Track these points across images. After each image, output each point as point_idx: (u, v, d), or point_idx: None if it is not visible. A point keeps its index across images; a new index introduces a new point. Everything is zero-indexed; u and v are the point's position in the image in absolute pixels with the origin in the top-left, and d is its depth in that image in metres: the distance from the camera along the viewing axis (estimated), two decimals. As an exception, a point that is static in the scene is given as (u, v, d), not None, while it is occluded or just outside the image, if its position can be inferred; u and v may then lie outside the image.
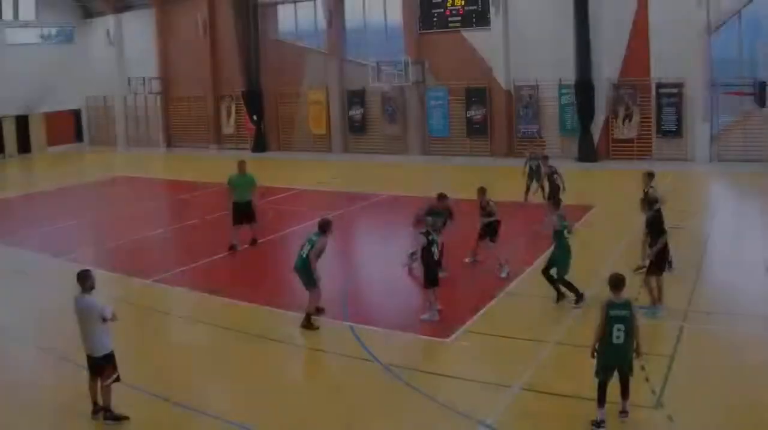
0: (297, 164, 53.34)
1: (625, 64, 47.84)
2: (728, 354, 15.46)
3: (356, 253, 27.40)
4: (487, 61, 52.03)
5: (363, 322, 18.32)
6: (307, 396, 14.88)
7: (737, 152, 44.92)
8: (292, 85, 60.77)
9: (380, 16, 57.10)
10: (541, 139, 50.79)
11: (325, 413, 13.92)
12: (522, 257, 22.94)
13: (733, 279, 21.00)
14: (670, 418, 12.55)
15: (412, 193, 36.97)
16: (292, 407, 14.13)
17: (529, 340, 16.60)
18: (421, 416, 13.52)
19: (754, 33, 43.89)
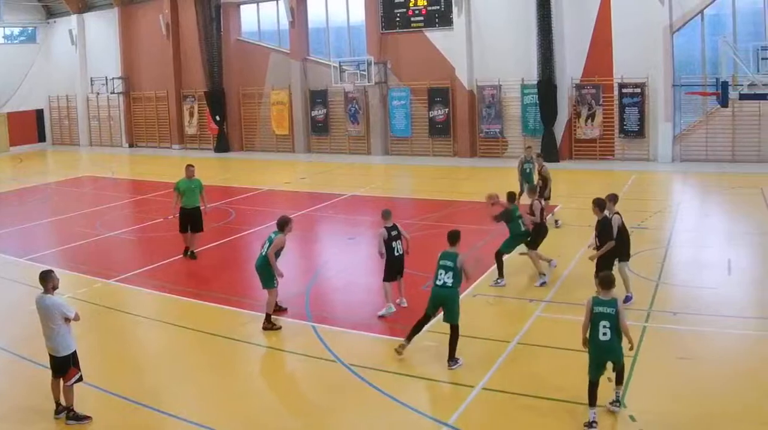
0: (260, 165, 52.35)
1: (587, 64, 46.55)
2: (691, 354, 15.15)
3: (319, 253, 26.60)
4: (450, 61, 50.60)
5: (325, 322, 17.97)
6: (269, 396, 14.67)
7: (700, 152, 43.86)
8: (254, 86, 59.30)
9: (343, 16, 55.88)
10: (503, 139, 49.75)
11: (287, 414, 13.76)
12: (485, 258, 21.81)
13: (696, 279, 20.56)
14: (632, 418, 12.36)
15: (374, 193, 36.70)
16: (255, 408, 13.81)
17: (491, 340, 16.27)
18: (383, 416, 13.23)
19: (716, 32, 42.30)
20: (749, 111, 41.96)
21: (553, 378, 14.00)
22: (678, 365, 14.58)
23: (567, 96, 46.96)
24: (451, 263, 15.36)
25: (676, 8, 43.62)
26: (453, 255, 15.53)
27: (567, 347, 15.06)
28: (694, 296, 18.80)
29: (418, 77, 52.06)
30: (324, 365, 15.48)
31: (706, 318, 17.11)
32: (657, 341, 15.87)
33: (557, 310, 18.08)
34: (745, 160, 42.11)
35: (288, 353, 16.69)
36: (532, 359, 15.29)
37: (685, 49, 44.95)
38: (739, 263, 21.80)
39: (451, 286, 15.27)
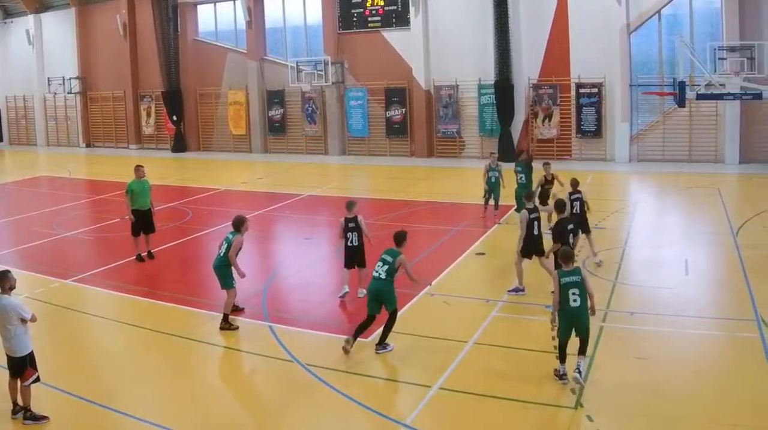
0: (217, 165, 50.60)
1: (544, 64, 45.04)
2: (646, 353, 14.74)
3: (276, 253, 25.57)
4: (407, 61, 48.97)
5: (283, 322, 17.34)
6: (226, 396, 14.01)
7: (657, 152, 42.59)
8: (211, 86, 57.38)
9: (300, 16, 53.91)
10: (460, 139, 48.11)
11: (244, 413, 13.24)
12: (442, 258, 21.61)
13: (653, 279, 19.88)
14: (590, 418, 11.89)
15: (331, 193, 35.61)
16: (212, 408, 13.21)
17: (448, 340, 15.64)
18: (340, 416, 12.77)
19: (673, 33, 41.09)
20: (706, 111, 40.95)
21: (509, 378, 13.68)
22: (635, 365, 14.12)
23: (524, 96, 45.49)
24: (390, 259, 15.26)
25: (633, 8, 42.26)
26: (395, 252, 15.41)
27: (523, 347, 15.00)
28: (651, 296, 18.30)
29: (375, 77, 50.38)
30: (281, 365, 14.91)
31: (664, 318, 16.63)
32: (614, 342, 15.40)
33: (514, 310, 17.53)
34: (702, 160, 41.04)
35: (245, 353, 16.15)
36: (489, 359, 14.81)
37: (642, 49, 43.53)
38: (697, 263, 21.21)
39: (384, 278, 15.16)
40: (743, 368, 13.73)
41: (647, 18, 42.45)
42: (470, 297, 18.70)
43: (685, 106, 32.16)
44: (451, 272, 20.67)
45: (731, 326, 15.99)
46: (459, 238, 23.70)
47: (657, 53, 43.17)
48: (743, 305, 17.14)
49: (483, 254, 22.74)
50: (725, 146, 40.65)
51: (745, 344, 14.83)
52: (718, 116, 40.82)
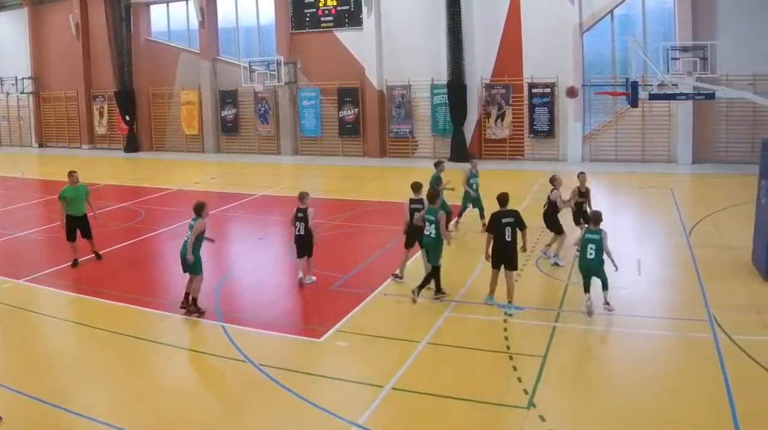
0: (169, 165, 48.50)
1: (497, 64, 43.14)
2: (600, 353, 14.71)
3: (229, 253, 24.18)
4: (360, 61, 46.84)
5: (236, 322, 16.61)
6: (179, 396, 13.24)
7: (609, 152, 40.96)
8: (164, 86, 54.79)
9: (253, 16, 51.59)
10: (413, 139, 46.05)
11: (197, 414, 12.46)
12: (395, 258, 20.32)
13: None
14: (542, 418, 11.52)
15: (284, 193, 33.92)
16: (165, 408, 12.67)
17: (401, 340, 15.23)
18: (293, 416, 12.25)
19: (626, 33, 39.48)
20: (659, 111, 39.57)
21: (462, 378, 13.22)
22: (588, 365, 13.92)
23: (477, 96, 43.58)
24: (433, 217, 17.00)
25: (586, 8, 40.61)
26: (434, 211, 17.21)
27: (476, 347, 14.59)
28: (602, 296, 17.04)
29: (327, 77, 48.21)
30: (234, 365, 14.34)
31: (617, 318, 16.10)
32: (567, 342, 14.98)
33: (466, 310, 16.91)
34: (655, 160, 39.71)
35: (198, 353, 15.35)
36: (442, 358, 14.31)
37: (594, 49, 41.83)
38: (649, 263, 20.47)
39: (434, 236, 16.94)
40: (696, 368, 13.35)
41: (600, 18, 40.92)
42: (423, 297, 17.67)
43: (637, 106, 30.95)
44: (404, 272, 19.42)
45: (684, 326, 15.53)
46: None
47: (610, 53, 41.64)
48: (696, 305, 16.62)
49: None
50: (678, 146, 39.36)
51: (698, 344, 14.40)
52: (670, 116, 39.51)
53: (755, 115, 37.32)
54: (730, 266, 19.57)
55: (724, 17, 37.95)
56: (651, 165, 38.81)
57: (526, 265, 19.65)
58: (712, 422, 11.33)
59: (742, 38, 36.96)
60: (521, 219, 16.68)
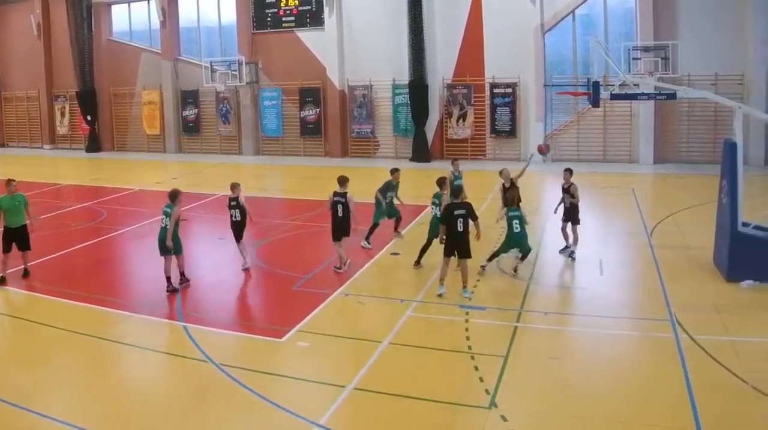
0: (131, 165, 46.46)
1: (459, 64, 41.48)
2: (562, 353, 14.09)
3: (190, 253, 22.43)
4: (321, 61, 44.88)
5: (197, 322, 16.15)
6: (140, 396, 12.91)
7: (571, 152, 39.39)
8: (126, 86, 52.36)
9: (214, 16, 49.43)
10: (374, 139, 44.23)
11: (158, 414, 12.18)
12: (356, 258, 20.40)
13: (567, 279, 19.22)
14: (504, 418, 11.29)
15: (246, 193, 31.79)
16: (126, 408, 12.34)
17: (363, 340, 14.93)
18: (255, 416, 11.91)
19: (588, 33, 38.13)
20: (620, 111, 38.22)
21: (424, 378, 12.90)
22: (549, 365, 13.37)
23: (438, 96, 41.94)
24: (437, 200, 18.95)
25: (548, 8, 39.13)
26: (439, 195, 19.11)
27: (437, 347, 14.24)
28: (565, 297, 17.76)
29: (289, 77, 46.16)
30: (195, 364, 13.95)
31: (578, 318, 16.03)
32: (528, 342, 14.66)
33: (427, 310, 16.48)
34: (617, 160, 38.37)
35: (159, 353, 14.98)
36: (403, 359, 14.02)
37: (556, 49, 40.28)
38: (611, 263, 20.05)
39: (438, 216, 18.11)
40: (657, 368, 12.99)
41: (561, 18, 39.42)
42: (385, 297, 17.76)
43: (599, 106, 29.83)
44: (365, 272, 19.59)
45: (645, 326, 15.18)
46: (374, 238, 21.95)
47: (571, 53, 40.13)
48: (657, 305, 16.22)
49: (398, 254, 21.32)
50: (639, 146, 38.02)
51: (660, 344, 14.06)
52: (632, 116, 38.14)
53: (716, 116, 36.17)
54: (692, 266, 19.09)
55: (685, 17, 36.83)
56: (612, 165, 37.44)
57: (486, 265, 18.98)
58: (674, 422, 11.04)
59: (704, 38, 35.90)
60: (473, 211, 16.75)
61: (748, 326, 14.76)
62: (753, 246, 17.25)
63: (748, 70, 35.60)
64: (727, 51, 35.75)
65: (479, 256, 18.51)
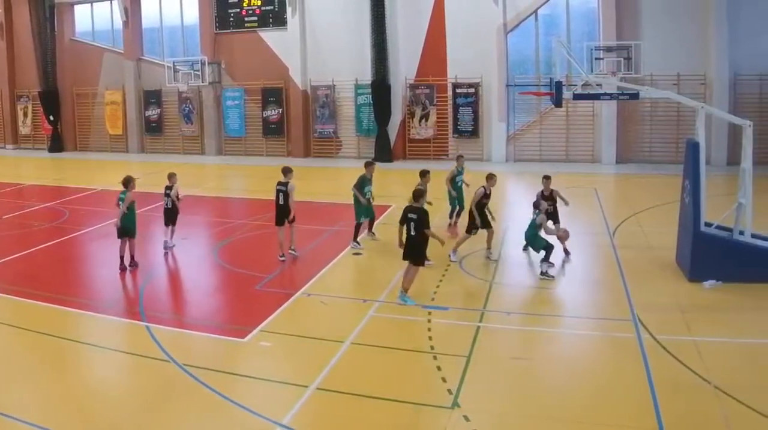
0: (94, 165, 44.34)
1: (421, 64, 39.63)
2: (524, 353, 13.73)
3: (153, 253, 22.27)
4: (284, 61, 42.75)
5: (159, 322, 15.58)
6: (102, 396, 12.35)
7: (534, 152, 37.77)
8: (88, 86, 49.76)
9: (177, 16, 47.03)
10: (337, 139, 42.14)
11: (120, 413, 11.58)
12: (319, 258, 20.04)
13: (530, 279, 18.31)
14: (466, 418, 10.75)
15: (208, 193, 32.23)
16: (88, 407, 11.74)
17: (325, 340, 14.34)
18: (217, 416, 11.30)
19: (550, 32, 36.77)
20: (583, 111, 36.65)
21: (386, 378, 12.48)
22: (512, 365, 12.97)
23: (401, 96, 40.03)
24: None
25: (510, 8, 37.42)
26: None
27: (400, 347, 13.74)
28: (528, 296, 17.10)
29: (252, 77, 43.95)
30: (157, 364, 13.40)
31: (541, 318, 15.53)
32: (491, 342, 14.12)
33: (391, 310, 15.86)
34: (580, 160, 36.79)
35: (121, 353, 14.33)
36: (366, 359, 13.56)
37: (519, 49, 38.51)
38: (574, 263, 19.30)
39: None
40: (621, 368, 12.57)
41: (524, 18, 37.69)
42: (347, 297, 17.26)
43: (561, 106, 28.73)
44: (328, 272, 18.89)
45: (608, 326, 14.64)
46: (336, 238, 21.88)
47: (534, 53, 38.38)
48: (620, 305, 15.70)
49: (360, 254, 20.63)
50: (602, 146, 36.49)
51: (623, 344, 13.58)
52: (595, 116, 36.58)
53: (679, 116, 34.81)
54: (654, 266, 18.43)
55: (647, 17, 35.41)
56: (575, 165, 35.81)
57: (450, 266, 18.63)
58: (637, 422, 10.66)
59: (666, 38, 34.59)
60: (424, 219, 15.72)
61: (710, 326, 14.29)
62: (715, 246, 16.79)
63: (711, 70, 34.36)
64: (689, 51, 34.50)
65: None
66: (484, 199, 18.92)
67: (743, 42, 33.70)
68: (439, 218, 22.89)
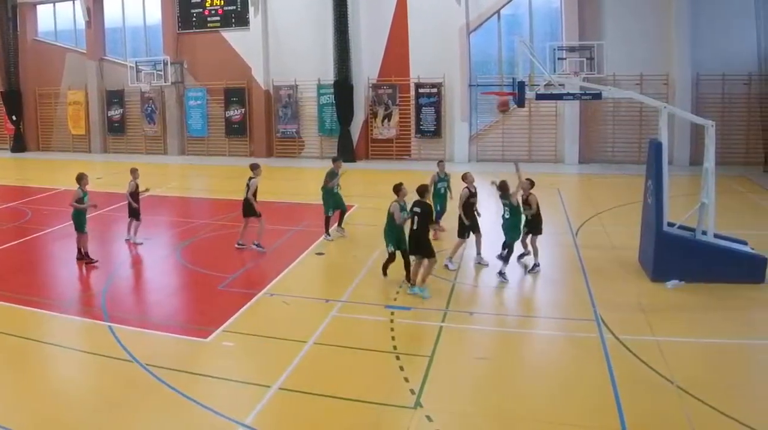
0: (56, 165, 41.76)
1: (384, 64, 37.66)
2: (487, 353, 13.07)
3: (116, 253, 21.64)
4: (246, 61, 40.51)
5: (122, 322, 14.91)
6: (65, 396, 11.70)
7: (496, 152, 35.90)
8: (51, 86, 47.11)
9: (139, 16, 44.56)
10: (300, 139, 39.95)
11: (83, 413, 11.06)
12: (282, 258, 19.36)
13: (493, 279, 17.29)
14: (429, 418, 10.39)
15: (171, 193, 30.83)
16: (50, 407, 11.18)
17: (288, 340, 13.68)
18: (179, 416, 10.86)
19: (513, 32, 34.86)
20: (546, 111, 34.90)
21: (349, 378, 11.89)
22: (475, 365, 12.42)
23: (363, 96, 37.99)
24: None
25: (473, 8, 35.44)
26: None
27: (362, 347, 13.13)
28: (491, 296, 16.44)
29: (214, 77, 41.58)
30: (120, 364, 12.76)
31: (504, 318, 15.12)
32: (454, 341, 13.56)
33: (353, 310, 15.38)
34: (542, 160, 35.01)
35: (84, 353, 13.65)
36: (328, 359, 12.95)
37: (481, 49, 36.58)
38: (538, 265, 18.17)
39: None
40: (583, 368, 12.00)
41: (486, 18, 35.75)
42: (310, 297, 16.59)
43: (524, 106, 27.39)
44: (290, 272, 18.27)
45: (571, 325, 14.13)
46: (298, 238, 21.15)
47: (496, 53, 36.43)
48: (583, 304, 15.20)
49: (322, 253, 19.96)
50: (565, 146, 34.76)
51: (585, 344, 13.06)
52: (557, 116, 34.81)
53: (642, 116, 33.29)
54: (617, 266, 17.86)
55: (610, 18, 33.72)
56: (538, 165, 33.81)
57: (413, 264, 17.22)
58: (599, 421, 10.27)
59: (629, 38, 32.99)
60: (429, 213, 15.76)
61: (673, 326, 13.77)
62: (678, 246, 16.29)
63: (673, 70, 32.84)
64: (652, 51, 33.00)
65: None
66: (472, 199, 17.91)
67: (706, 42, 32.26)
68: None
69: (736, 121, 32.31)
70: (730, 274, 15.84)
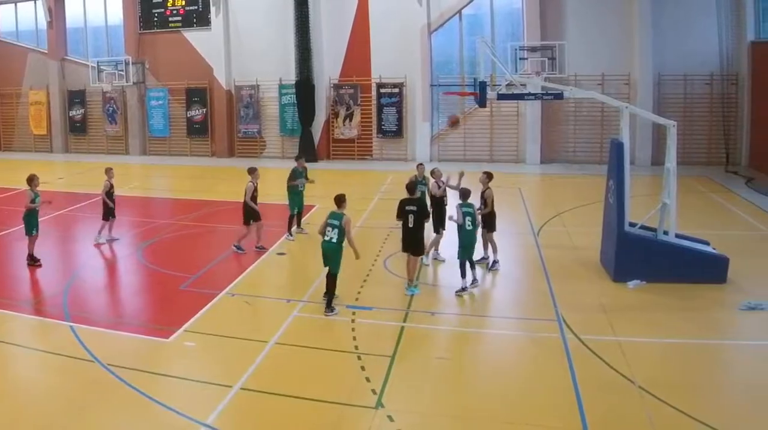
0: (18, 165, 38.82)
1: (345, 64, 35.75)
2: (449, 353, 12.65)
3: (78, 253, 20.94)
4: (208, 61, 38.37)
5: (84, 322, 14.12)
6: (25, 396, 11.32)
7: (458, 152, 34.15)
8: (12, 86, 44.53)
9: (101, 16, 42.13)
10: (261, 138, 37.95)
11: (44, 414, 10.71)
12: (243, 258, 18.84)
13: (455, 279, 16.27)
14: (391, 418, 10.07)
15: (133, 193, 29.41)
16: (10, 407, 10.86)
17: (249, 340, 13.09)
18: (141, 416, 10.57)
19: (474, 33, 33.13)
20: (507, 111, 33.21)
21: (310, 378, 11.48)
22: (436, 365, 11.89)
23: (325, 96, 36.06)
24: (336, 222, 14.12)
25: (434, 8, 33.65)
26: (339, 215, 14.20)
27: (324, 347, 12.62)
28: (452, 296, 15.52)
29: (176, 77, 39.35)
30: (81, 364, 12.17)
31: (465, 318, 14.49)
32: (415, 342, 12.98)
33: (314, 310, 14.70)
34: (504, 160, 33.34)
35: (45, 353, 12.93)
36: (290, 359, 12.37)
37: (443, 49, 34.77)
38: (498, 262, 17.73)
39: (335, 242, 14.08)
40: (545, 368, 11.62)
41: (448, 18, 33.94)
42: (271, 297, 16.11)
43: (485, 106, 26.02)
44: (251, 272, 17.74)
45: (532, 326, 13.63)
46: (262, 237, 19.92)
47: (458, 53, 34.59)
48: (544, 305, 14.68)
49: (284, 253, 19.41)
50: (526, 146, 33.06)
51: (547, 344, 12.61)
52: (519, 116, 33.08)
53: (603, 116, 31.71)
54: (579, 266, 17.32)
55: (572, 18, 32.05)
56: (499, 165, 32.02)
57: (374, 266, 17.25)
58: (561, 422, 9.88)
59: (590, 39, 31.40)
60: (423, 208, 15.51)
61: (634, 326, 13.33)
62: (639, 246, 15.86)
63: (635, 70, 31.30)
64: (613, 51, 31.50)
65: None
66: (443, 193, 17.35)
67: (667, 42, 30.73)
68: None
69: (698, 122, 30.82)
70: (691, 274, 15.37)
